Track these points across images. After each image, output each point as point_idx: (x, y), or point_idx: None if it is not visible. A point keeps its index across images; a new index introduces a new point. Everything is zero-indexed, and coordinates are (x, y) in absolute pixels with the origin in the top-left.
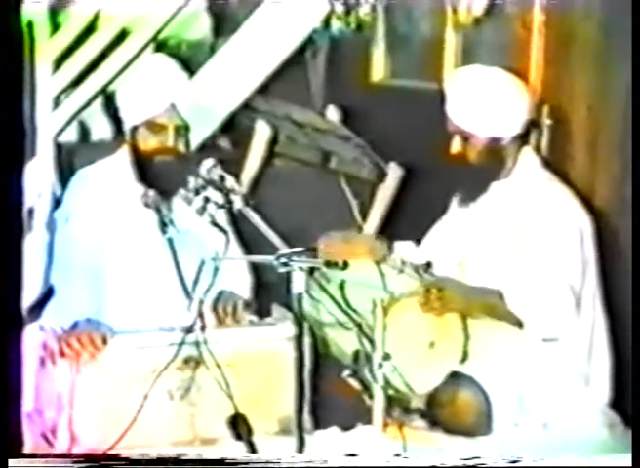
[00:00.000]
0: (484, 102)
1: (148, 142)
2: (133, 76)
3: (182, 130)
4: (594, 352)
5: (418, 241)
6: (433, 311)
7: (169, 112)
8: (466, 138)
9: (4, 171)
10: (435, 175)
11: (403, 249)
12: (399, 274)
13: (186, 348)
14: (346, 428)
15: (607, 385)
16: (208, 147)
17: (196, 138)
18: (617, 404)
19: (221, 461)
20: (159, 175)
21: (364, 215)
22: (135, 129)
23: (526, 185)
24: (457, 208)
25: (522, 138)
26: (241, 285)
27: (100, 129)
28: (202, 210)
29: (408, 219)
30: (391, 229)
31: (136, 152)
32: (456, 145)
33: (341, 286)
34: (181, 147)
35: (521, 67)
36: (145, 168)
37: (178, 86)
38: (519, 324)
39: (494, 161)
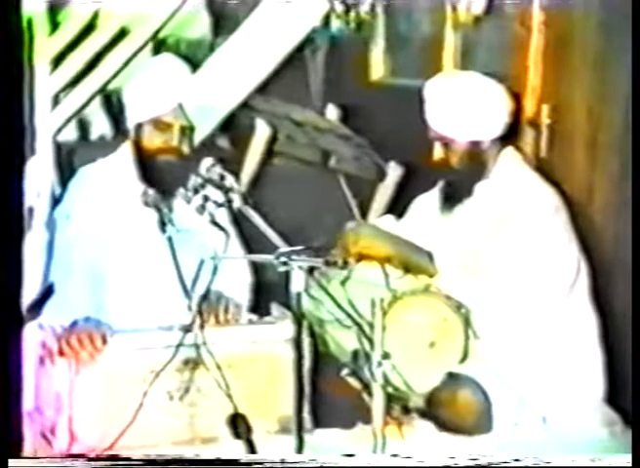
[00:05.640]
0: (461, 107)
1: (153, 140)
2: (141, 74)
3: (187, 130)
4: (588, 349)
5: None
6: (351, 256)
7: (176, 112)
8: (447, 144)
9: (4, 170)
10: (435, 175)
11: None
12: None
13: (186, 348)
14: (346, 427)
15: (602, 382)
16: (207, 146)
17: (196, 137)
18: (614, 401)
19: (221, 461)
20: (161, 175)
21: (364, 215)
22: (139, 126)
23: (506, 183)
24: (441, 211)
25: (503, 140)
26: (241, 284)
27: (100, 127)
28: (201, 209)
29: None
30: None
31: (139, 150)
32: (438, 152)
33: (343, 284)
34: (185, 148)
35: (520, 66)
36: (148, 166)
37: (186, 86)
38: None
39: (475, 164)
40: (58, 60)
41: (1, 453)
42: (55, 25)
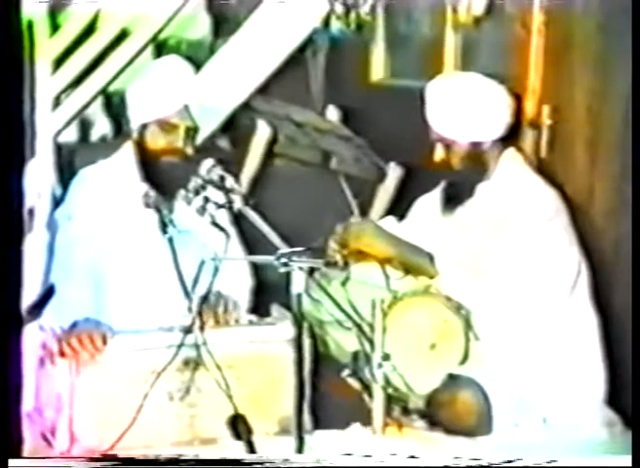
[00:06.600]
0: (462, 109)
1: (157, 141)
2: (147, 76)
3: (192, 131)
4: (588, 350)
5: None
6: (350, 255)
7: (182, 113)
8: (448, 146)
9: (4, 171)
10: (435, 175)
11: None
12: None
13: (186, 349)
14: (346, 428)
15: (602, 383)
16: (208, 147)
17: (197, 138)
18: (614, 402)
19: (221, 461)
20: (163, 176)
21: (364, 216)
22: (144, 127)
23: (507, 185)
24: (442, 212)
25: (504, 141)
26: (241, 285)
27: (101, 129)
28: (202, 210)
29: None
30: None
31: (142, 151)
32: (439, 153)
33: (343, 285)
34: (189, 149)
35: (521, 67)
36: (150, 167)
37: (192, 88)
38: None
39: (476, 165)
40: (58, 62)
41: (1, 454)
42: (55, 27)
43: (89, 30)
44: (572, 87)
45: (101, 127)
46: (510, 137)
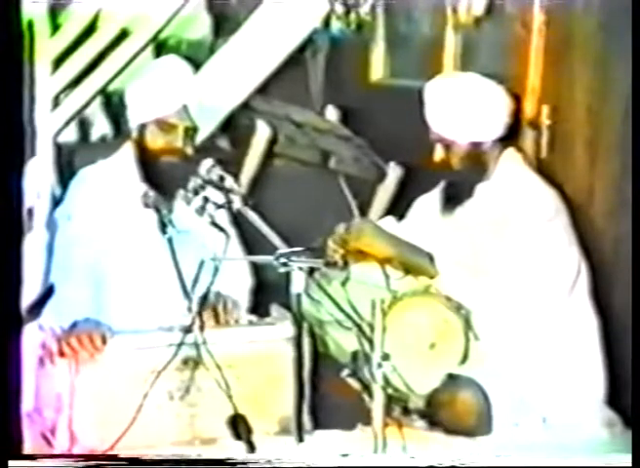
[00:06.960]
0: (462, 109)
1: (157, 141)
2: (146, 75)
3: (191, 131)
4: (588, 350)
5: None
6: (350, 255)
7: (181, 113)
8: (448, 146)
9: (4, 171)
10: (435, 175)
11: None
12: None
13: (186, 348)
14: (346, 428)
15: (602, 383)
16: (207, 147)
17: (197, 138)
18: (614, 402)
19: (221, 461)
20: (163, 176)
21: (364, 216)
22: (143, 126)
23: (506, 185)
24: (441, 212)
25: (504, 141)
26: (241, 285)
27: (100, 128)
28: (201, 210)
29: None
30: None
31: (141, 150)
32: (438, 153)
33: (343, 285)
34: (188, 149)
35: (520, 67)
36: (150, 167)
37: (191, 88)
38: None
39: (476, 166)
40: (58, 62)
41: (1, 454)
42: (55, 26)
43: (89, 30)
44: (572, 87)
45: (101, 127)
46: (510, 138)
